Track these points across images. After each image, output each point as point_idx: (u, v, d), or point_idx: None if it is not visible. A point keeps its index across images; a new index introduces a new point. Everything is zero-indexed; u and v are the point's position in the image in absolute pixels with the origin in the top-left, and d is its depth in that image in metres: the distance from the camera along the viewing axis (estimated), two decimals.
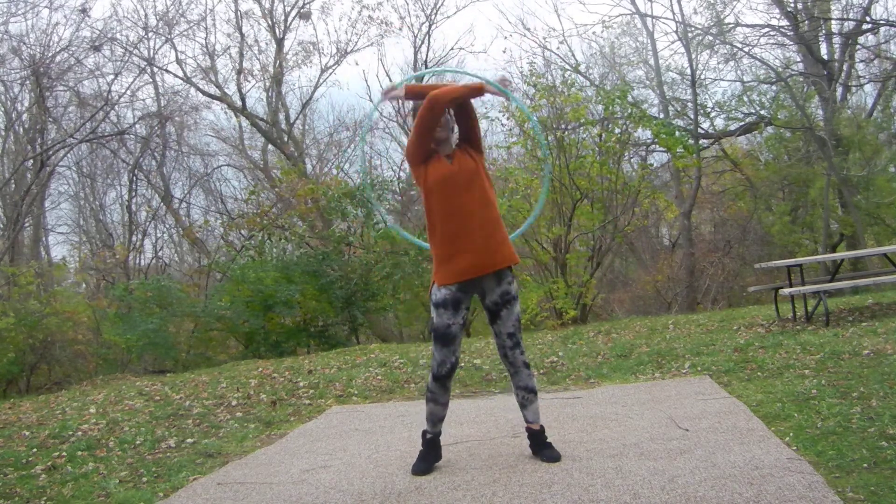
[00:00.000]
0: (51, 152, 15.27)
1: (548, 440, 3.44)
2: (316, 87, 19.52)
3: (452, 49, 26.94)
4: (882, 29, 14.50)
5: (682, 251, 16.20)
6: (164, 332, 11.78)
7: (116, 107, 16.51)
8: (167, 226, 20.77)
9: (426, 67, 19.51)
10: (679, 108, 16.52)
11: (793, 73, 14.87)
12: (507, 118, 11.79)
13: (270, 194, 16.95)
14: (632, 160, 14.89)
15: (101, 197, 20.75)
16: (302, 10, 18.79)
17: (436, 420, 3.49)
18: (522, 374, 3.40)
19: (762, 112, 15.23)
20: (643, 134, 13.65)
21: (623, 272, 19.35)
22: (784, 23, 14.13)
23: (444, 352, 3.34)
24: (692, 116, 15.78)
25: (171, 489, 3.61)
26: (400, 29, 20.95)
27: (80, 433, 5.05)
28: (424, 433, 3.52)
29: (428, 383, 3.46)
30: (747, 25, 14.49)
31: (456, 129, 3.48)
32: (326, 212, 14.04)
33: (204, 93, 18.31)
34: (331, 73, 22.77)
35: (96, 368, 11.80)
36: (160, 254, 21.04)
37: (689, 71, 15.75)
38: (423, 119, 3.29)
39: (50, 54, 14.32)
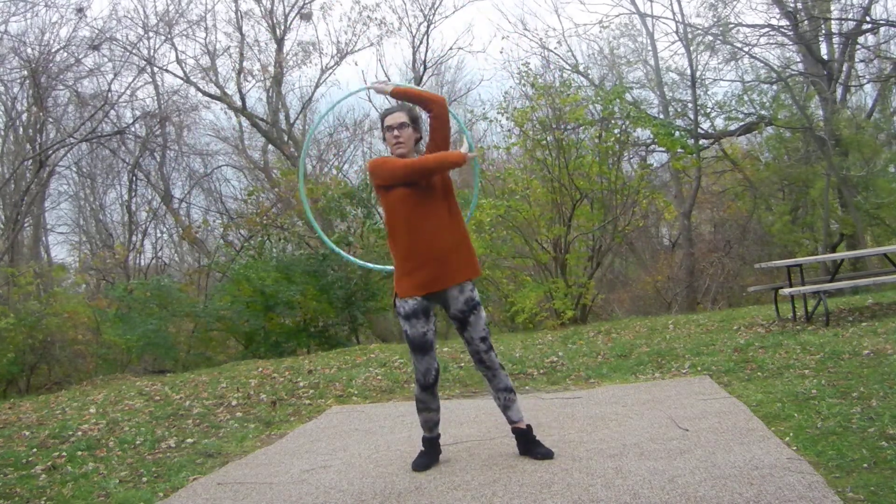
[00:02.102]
0: (50, 152, 15.27)
1: (535, 437, 3.45)
2: (316, 87, 19.54)
3: (451, 49, 26.86)
4: (882, 29, 14.50)
5: (681, 251, 16.20)
6: (164, 333, 11.79)
7: (116, 107, 16.54)
8: (167, 226, 20.80)
9: (425, 68, 19.51)
10: (679, 109, 16.51)
11: (793, 73, 14.87)
12: (507, 119, 11.80)
13: (270, 194, 16.95)
14: (631, 160, 14.90)
15: (100, 197, 20.80)
16: (303, 11, 18.80)
17: (432, 426, 3.51)
18: (500, 376, 3.42)
19: (762, 112, 15.23)
20: (643, 134, 13.66)
21: (623, 272, 19.33)
22: (784, 23, 14.14)
23: (426, 360, 3.35)
24: (692, 117, 15.78)
25: (171, 489, 3.61)
26: (398, 29, 21.04)
27: (80, 433, 5.05)
28: (423, 437, 3.56)
29: (416, 394, 3.44)
30: (747, 25, 14.50)
31: (422, 143, 3.48)
32: (326, 212, 14.04)
33: (204, 93, 18.31)
34: (330, 74, 22.76)
35: (96, 368, 11.79)
36: (160, 254, 21.10)
37: (689, 71, 15.76)
38: (414, 175, 3.28)
39: (50, 51, 14.33)
